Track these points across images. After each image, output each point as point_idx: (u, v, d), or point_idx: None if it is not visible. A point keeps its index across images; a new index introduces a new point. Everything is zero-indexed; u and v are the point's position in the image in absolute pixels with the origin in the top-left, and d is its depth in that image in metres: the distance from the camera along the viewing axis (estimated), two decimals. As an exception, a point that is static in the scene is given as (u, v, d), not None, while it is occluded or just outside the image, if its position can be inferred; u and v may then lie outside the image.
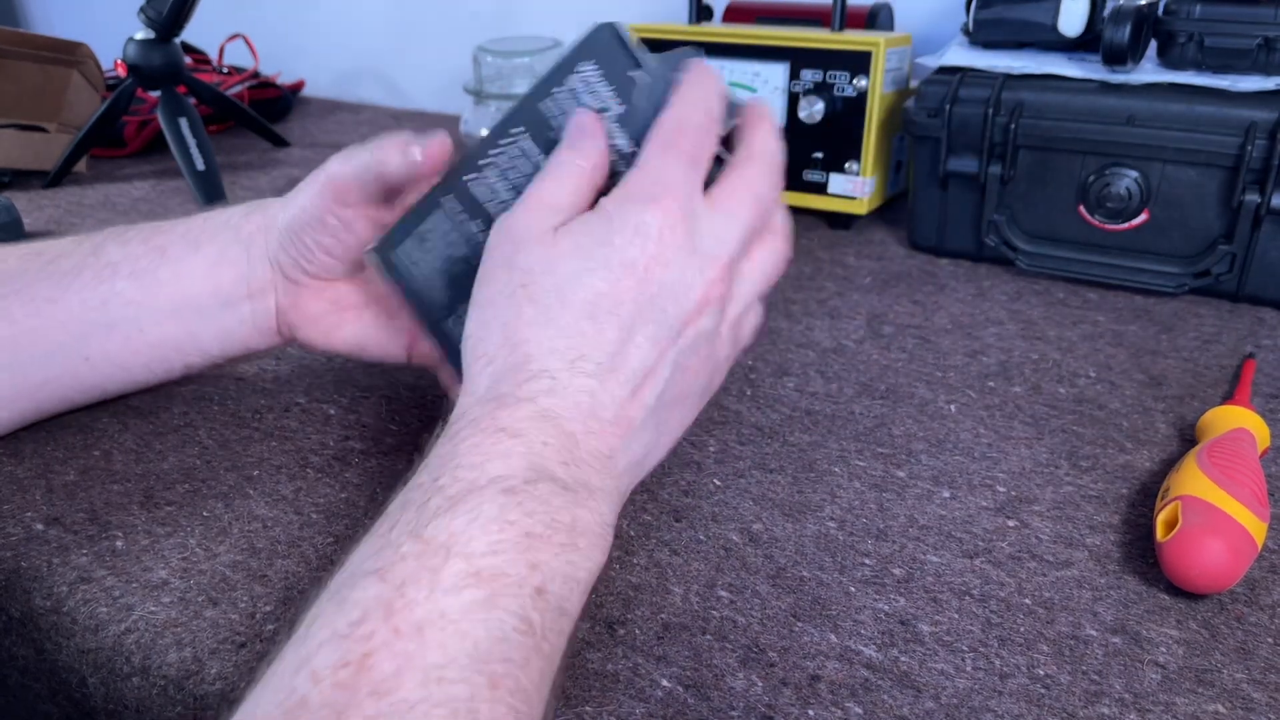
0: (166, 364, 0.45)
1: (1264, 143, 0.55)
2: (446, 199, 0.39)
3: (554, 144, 0.37)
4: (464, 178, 0.39)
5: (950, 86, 0.64)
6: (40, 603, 0.35)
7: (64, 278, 0.43)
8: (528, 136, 0.38)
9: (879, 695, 0.30)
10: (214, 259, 0.44)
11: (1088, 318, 0.58)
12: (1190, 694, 0.30)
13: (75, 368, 0.43)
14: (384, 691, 0.23)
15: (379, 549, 0.27)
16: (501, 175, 0.38)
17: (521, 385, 0.32)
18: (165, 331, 0.44)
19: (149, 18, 0.82)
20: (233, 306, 0.44)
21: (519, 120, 0.38)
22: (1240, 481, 0.36)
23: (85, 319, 0.42)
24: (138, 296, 0.43)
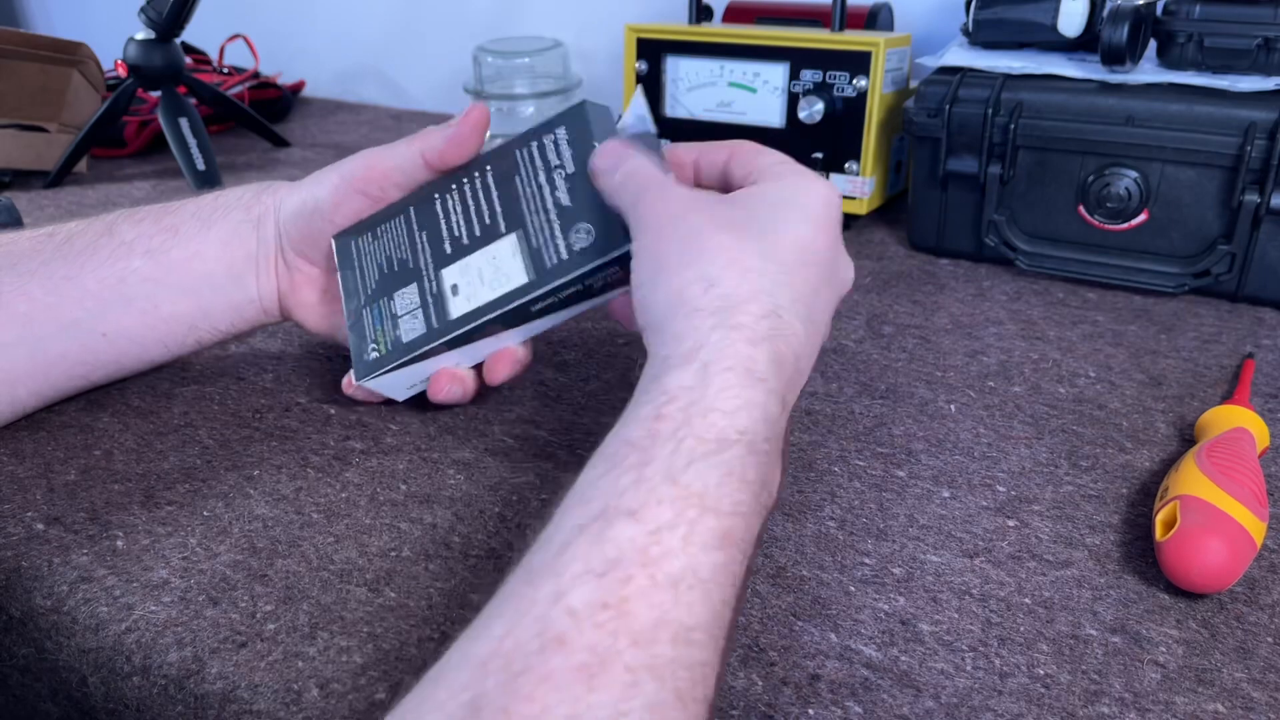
0: (179, 339, 0.46)
1: (1263, 143, 0.55)
2: (411, 207, 0.44)
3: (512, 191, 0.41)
4: (435, 194, 0.44)
5: (950, 87, 0.64)
6: (41, 602, 0.35)
7: (79, 256, 0.44)
8: (491, 174, 0.43)
9: (879, 694, 0.30)
10: (225, 237, 0.45)
11: (1087, 318, 0.58)
12: (1190, 693, 0.30)
13: (93, 343, 0.44)
14: (644, 642, 0.23)
15: (634, 485, 0.26)
16: (461, 205, 0.43)
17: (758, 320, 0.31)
18: (180, 307, 0.45)
19: (149, 18, 0.82)
20: (243, 283, 0.46)
21: (492, 159, 0.43)
22: (1239, 481, 0.36)
23: (102, 296, 0.44)
24: (154, 274, 0.44)
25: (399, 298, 0.43)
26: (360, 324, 0.44)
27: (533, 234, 0.40)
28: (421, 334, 0.42)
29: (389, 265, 0.44)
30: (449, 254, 0.42)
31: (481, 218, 0.42)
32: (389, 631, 0.33)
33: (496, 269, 0.41)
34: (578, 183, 0.40)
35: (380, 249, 0.44)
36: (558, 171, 0.41)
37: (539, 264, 0.40)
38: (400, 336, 0.42)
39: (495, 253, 0.41)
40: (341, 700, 0.30)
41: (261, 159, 0.97)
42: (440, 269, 0.42)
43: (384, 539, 0.38)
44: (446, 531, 0.38)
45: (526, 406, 0.47)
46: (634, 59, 0.77)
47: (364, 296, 0.44)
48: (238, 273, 0.45)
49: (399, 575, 0.36)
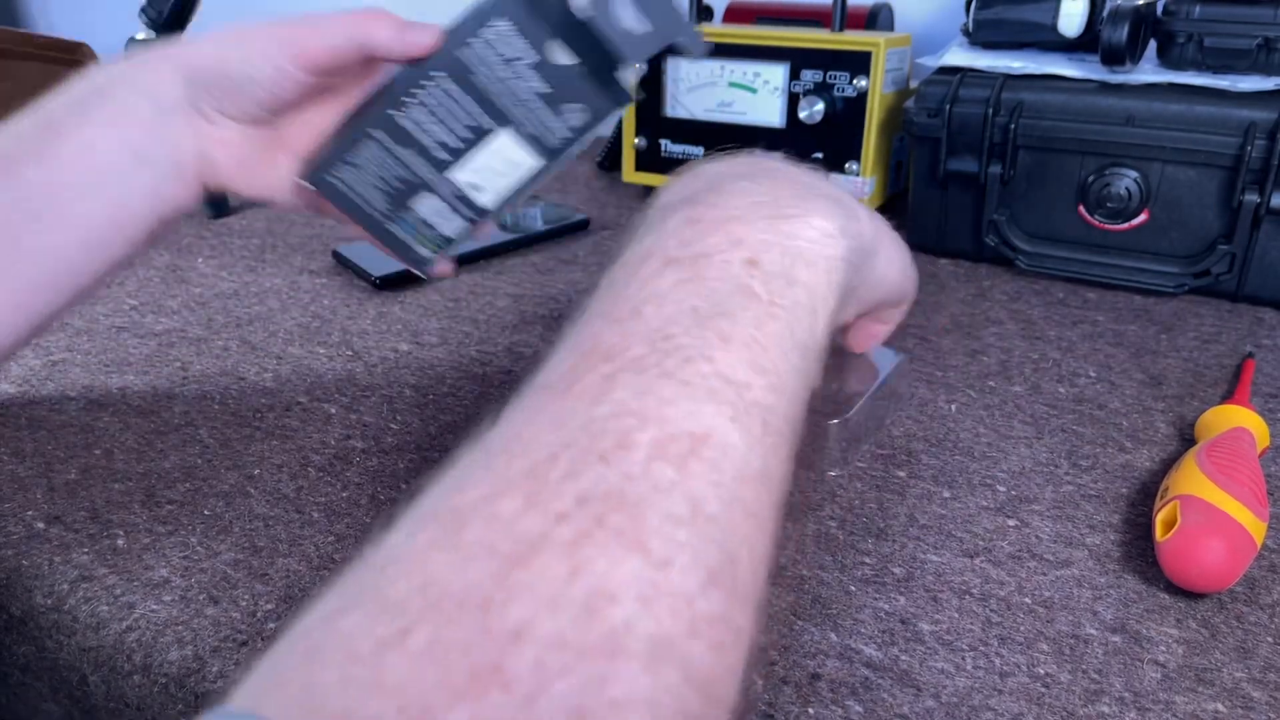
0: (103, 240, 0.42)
1: (1263, 143, 0.55)
2: (376, 132, 0.43)
3: (478, 89, 0.42)
4: (388, 111, 0.43)
5: (950, 87, 0.64)
6: (41, 601, 0.35)
7: None
8: (450, 79, 0.42)
9: (879, 694, 0.30)
10: (113, 116, 0.42)
11: (1087, 317, 0.58)
12: (1190, 693, 0.30)
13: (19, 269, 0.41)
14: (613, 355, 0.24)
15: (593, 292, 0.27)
16: (430, 113, 0.43)
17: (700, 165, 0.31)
18: (91, 205, 0.41)
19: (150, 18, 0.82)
20: (149, 160, 0.42)
21: (439, 65, 0.42)
22: (1239, 481, 0.36)
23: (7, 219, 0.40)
24: (48, 177, 0.41)
25: (419, 208, 0.44)
26: (395, 237, 0.45)
27: (525, 124, 0.43)
28: (464, 227, 0.44)
29: (389, 187, 0.44)
30: (446, 159, 0.44)
31: (460, 121, 0.43)
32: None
33: (505, 160, 0.43)
34: (546, 69, 0.42)
35: (366, 174, 0.44)
36: (517, 64, 0.42)
37: (545, 146, 0.43)
38: (445, 235, 0.45)
39: (495, 149, 0.43)
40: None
41: (262, 159, 0.97)
42: (445, 173, 0.44)
43: (384, 538, 0.38)
44: (447, 531, 0.38)
45: (527, 406, 0.47)
46: (634, 59, 0.77)
47: (380, 216, 0.45)
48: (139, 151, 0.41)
49: (399, 574, 0.36)
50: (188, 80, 0.42)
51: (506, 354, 0.53)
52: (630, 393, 0.23)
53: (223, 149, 0.43)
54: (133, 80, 0.43)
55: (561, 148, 0.43)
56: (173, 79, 0.42)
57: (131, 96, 0.42)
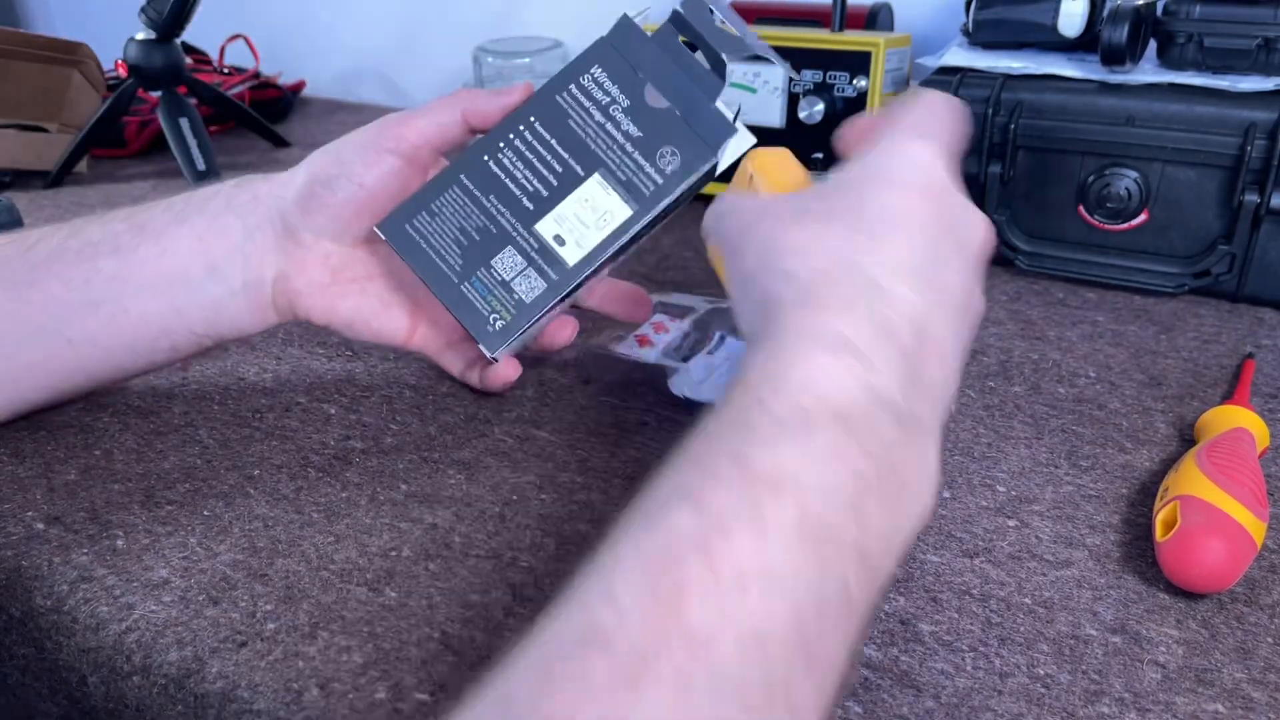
0: (151, 345, 0.43)
1: (1264, 143, 0.55)
2: (463, 175, 0.42)
3: (571, 134, 0.42)
4: (481, 156, 0.42)
5: (950, 87, 0.64)
6: (41, 601, 0.35)
7: (45, 261, 0.42)
8: (541, 124, 0.42)
9: (879, 694, 0.30)
10: (201, 230, 0.42)
11: (1087, 318, 0.58)
12: (1190, 693, 0.30)
13: (58, 351, 0.42)
14: (698, 643, 0.20)
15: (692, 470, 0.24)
16: (521, 159, 0.42)
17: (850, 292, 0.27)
18: (149, 308, 0.42)
19: (150, 18, 0.82)
20: (222, 278, 0.43)
21: (534, 110, 0.42)
22: (1239, 481, 0.36)
23: (67, 299, 0.41)
24: (120, 272, 0.42)
25: (498, 265, 0.42)
26: (466, 301, 0.42)
27: (616, 169, 0.41)
28: (544, 290, 0.42)
29: (466, 237, 0.42)
30: (532, 210, 0.42)
31: (550, 167, 0.42)
32: (389, 631, 0.33)
33: (594, 210, 0.41)
34: (639, 112, 0.41)
35: (446, 224, 0.42)
36: (613, 108, 0.41)
37: (636, 194, 0.41)
38: (521, 299, 0.42)
39: (585, 196, 0.41)
40: (341, 700, 0.30)
41: (262, 159, 0.97)
42: (531, 225, 0.42)
43: (384, 539, 0.38)
44: (447, 531, 0.38)
45: (526, 406, 0.47)
46: (634, 59, 0.77)
47: (454, 275, 0.42)
48: (215, 266, 0.42)
49: (399, 575, 0.36)
50: (285, 199, 0.43)
51: (506, 354, 0.53)
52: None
53: (305, 273, 0.43)
54: (230, 198, 0.44)
55: (653, 196, 0.41)
56: (270, 201, 0.43)
57: (225, 214, 0.43)
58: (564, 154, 0.42)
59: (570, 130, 0.42)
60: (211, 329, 0.44)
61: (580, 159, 0.42)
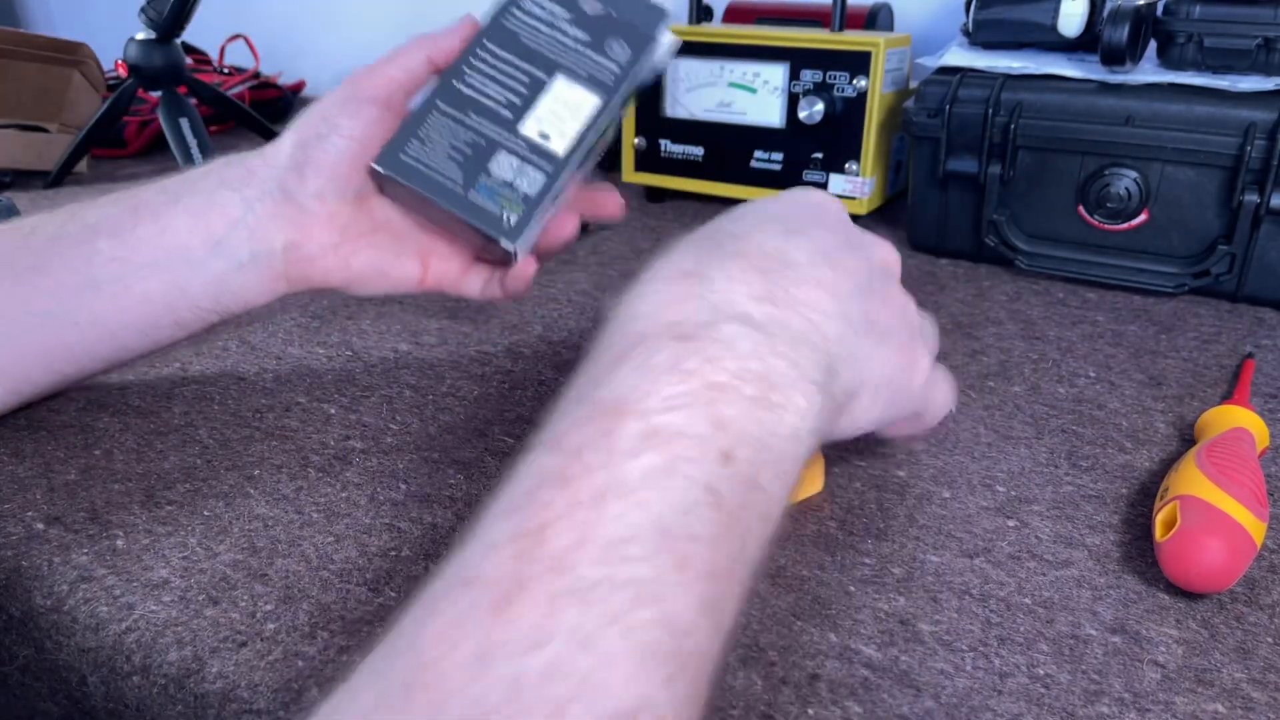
0: (155, 322, 0.44)
1: (1263, 143, 0.55)
2: (439, 101, 0.45)
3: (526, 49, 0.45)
4: (450, 82, 0.45)
5: (950, 87, 0.64)
6: (41, 601, 0.35)
7: (44, 245, 0.42)
8: (498, 47, 0.46)
9: (879, 694, 0.30)
10: (197, 207, 0.43)
11: (1087, 318, 0.58)
12: (1190, 693, 0.30)
13: (63, 334, 0.43)
14: (564, 566, 0.21)
15: (555, 420, 0.25)
16: (487, 78, 0.45)
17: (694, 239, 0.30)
18: (151, 286, 0.42)
19: (150, 18, 0.82)
20: (227, 252, 0.43)
21: (487, 36, 0.46)
22: (1239, 481, 0.36)
23: (69, 282, 0.42)
24: (120, 253, 0.42)
25: (496, 168, 0.44)
26: (477, 207, 0.44)
27: (575, 67, 0.45)
28: (544, 181, 0.45)
29: (459, 153, 0.44)
30: (511, 117, 0.45)
31: (516, 79, 0.45)
32: (389, 631, 0.33)
33: (566, 105, 0.45)
34: (580, 20, 0.46)
35: (437, 146, 0.44)
36: (557, 20, 0.46)
37: (599, 85, 0.45)
38: (526, 192, 0.44)
39: (555, 95, 0.45)
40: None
41: (262, 159, 0.97)
42: (515, 129, 0.45)
43: (384, 539, 0.38)
44: (447, 531, 0.38)
45: (526, 406, 0.47)
46: (634, 59, 0.77)
47: (459, 187, 0.44)
48: (217, 240, 0.43)
49: (399, 575, 0.36)
50: (279, 168, 0.44)
51: (506, 354, 0.53)
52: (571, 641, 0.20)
53: (314, 236, 0.44)
54: (222, 175, 0.44)
55: (615, 83, 0.45)
56: (265, 172, 0.44)
57: (220, 190, 0.44)
58: (525, 65, 0.45)
59: (524, 45, 0.46)
60: (216, 303, 0.44)
61: (541, 66, 0.45)
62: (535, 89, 0.45)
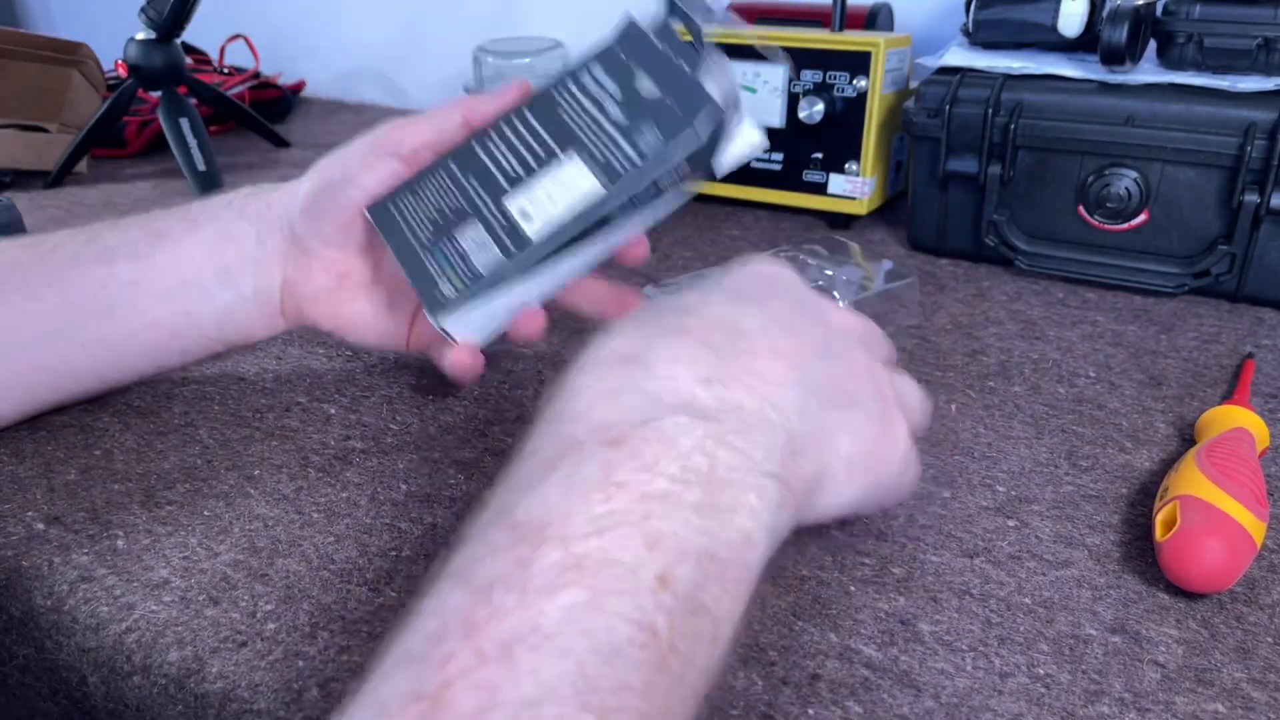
0: (163, 349, 0.44)
1: (1263, 143, 0.55)
2: (450, 160, 0.43)
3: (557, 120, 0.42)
4: (472, 142, 0.43)
5: (950, 87, 0.64)
6: (41, 601, 0.35)
7: (61, 265, 0.43)
8: (531, 113, 0.43)
9: (879, 694, 0.30)
10: (215, 237, 0.44)
11: (1087, 318, 0.58)
12: (1190, 693, 0.30)
13: (70, 354, 0.43)
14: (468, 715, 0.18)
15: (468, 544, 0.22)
16: (506, 144, 0.42)
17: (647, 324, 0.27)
18: (162, 312, 0.43)
19: (150, 18, 0.82)
20: (234, 284, 0.44)
21: (530, 103, 0.43)
22: (1239, 481, 0.36)
23: (81, 304, 0.42)
24: (135, 277, 0.43)
25: (461, 236, 0.41)
26: (424, 268, 0.41)
27: (595, 150, 0.40)
28: (500, 262, 0.40)
29: (440, 215, 0.42)
30: (506, 187, 0.41)
31: (531, 150, 0.41)
32: (389, 631, 0.33)
33: (565, 187, 0.40)
34: (630, 102, 0.41)
35: (425, 203, 0.42)
36: (605, 99, 0.41)
37: (610, 173, 0.40)
38: (477, 269, 0.40)
39: (559, 174, 0.41)
40: (342, 700, 0.30)
41: (262, 159, 0.97)
42: (500, 200, 0.41)
43: (384, 539, 0.38)
44: (447, 531, 0.38)
45: (527, 406, 0.47)
46: (634, 59, 0.77)
47: (420, 247, 0.41)
48: (227, 271, 0.43)
49: (400, 575, 0.36)
50: (293, 208, 0.44)
51: (505, 354, 0.53)
52: None
53: (311, 279, 0.44)
54: (244, 207, 0.45)
55: (626, 171, 0.40)
56: (280, 209, 0.44)
57: (239, 222, 0.44)
58: (546, 138, 0.42)
59: (558, 118, 0.42)
60: (221, 334, 0.45)
61: (561, 141, 0.41)
62: (544, 164, 0.41)
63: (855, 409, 0.30)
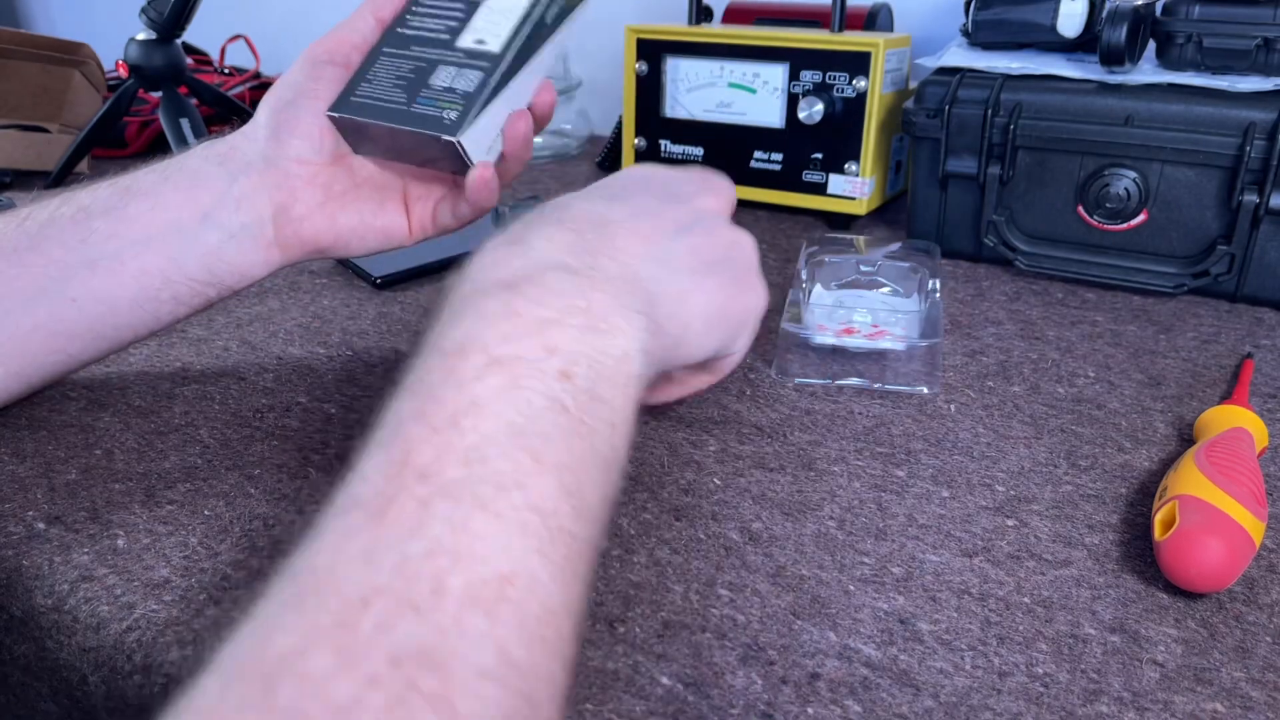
0: (154, 297, 0.44)
1: (1262, 143, 0.55)
2: (384, 46, 0.47)
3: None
4: (394, 29, 0.47)
5: (949, 87, 0.64)
6: (42, 601, 0.35)
7: (40, 228, 0.43)
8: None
9: (878, 693, 0.30)
10: (186, 183, 0.45)
11: (1086, 318, 0.58)
12: (1189, 692, 0.30)
13: (61, 311, 0.43)
14: (429, 475, 0.24)
15: (408, 373, 0.28)
16: (427, 15, 0.47)
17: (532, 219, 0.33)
18: (146, 260, 0.44)
19: (150, 18, 0.82)
20: (217, 224, 0.44)
21: None
22: (1238, 481, 0.36)
23: (65, 260, 0.43)
24: (115, 229, 0.43)
25: (436, 81, 0.45)
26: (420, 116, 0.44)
27: None
28: (480, 78, 0.44)
29: (404, 80, 0.45)
30: (448, 37, 0.46)
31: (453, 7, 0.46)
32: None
33: (499, 9, 0.46)
34: None
35: (383, 81, 0.45)
36: None
37: None
38: (465, 90, 0.44)
39: (488, 6, 0.46)
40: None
41: (262, 159, 0.97)
42: (452, 45, 0.45)
43: (384, 538, 0.38)
44: (447, 531, 0.38)
45: (526, 406, 0.47)
46: (634, 60, 0.77)
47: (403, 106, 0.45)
48: (208, 214, 0.44)
49: (399, 574, 0.36)
50: (259, 139, 0.45)
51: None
52: (445, 527, 0.23)
53: (300, 197, 0.46)
54: (208, 153, 0.46)
55: None
56: (246, 145, 0.46)
57: (206, 165, 0.45)
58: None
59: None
60: (212, 275, 0.45)
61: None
62: (470, 9, 0.46)
63: (712, 274, 0.37)
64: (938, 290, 0.53)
